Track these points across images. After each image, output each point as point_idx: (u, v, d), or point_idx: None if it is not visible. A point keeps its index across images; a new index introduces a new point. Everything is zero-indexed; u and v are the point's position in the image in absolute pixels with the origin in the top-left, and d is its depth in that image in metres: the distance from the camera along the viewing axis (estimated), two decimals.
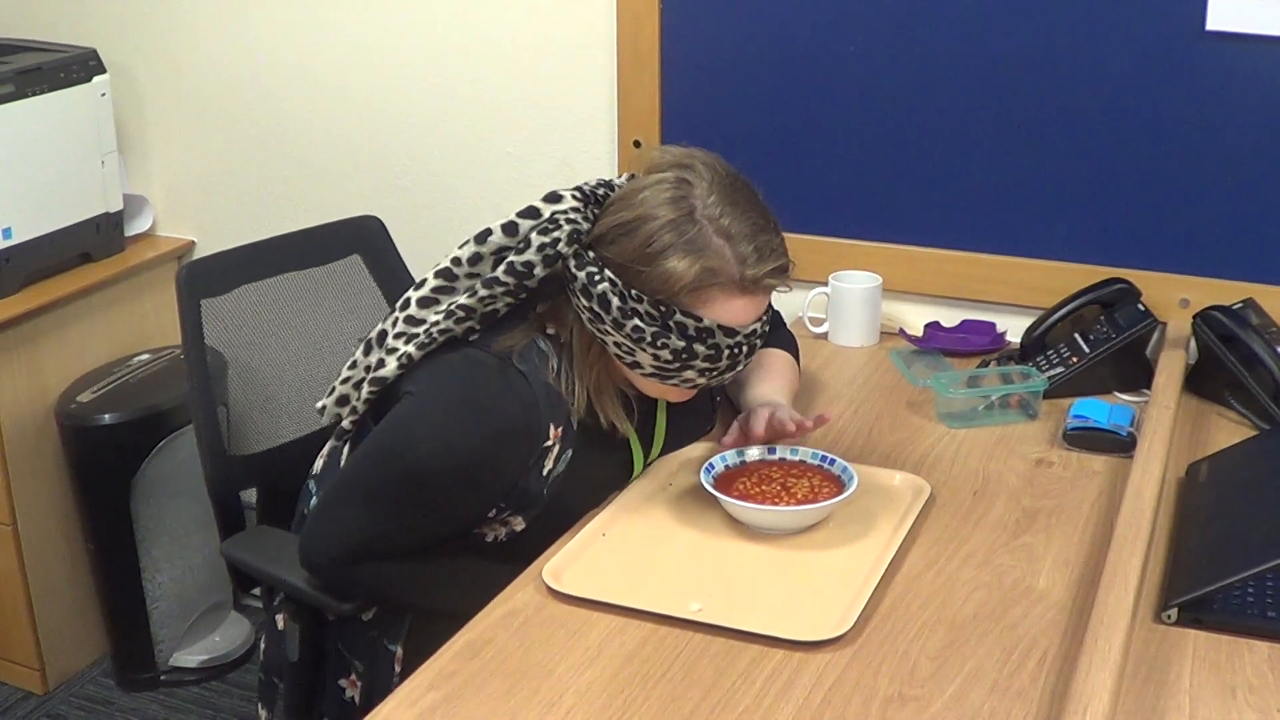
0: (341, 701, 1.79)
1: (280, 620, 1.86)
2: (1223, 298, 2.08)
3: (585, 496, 1.72)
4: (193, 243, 2.97)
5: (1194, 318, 2.06)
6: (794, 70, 2.32)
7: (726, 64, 2.36)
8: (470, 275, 1.66)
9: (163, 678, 2.82)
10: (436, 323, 1.64)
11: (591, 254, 1.61)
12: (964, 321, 2.32)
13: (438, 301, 1.67)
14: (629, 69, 2.42)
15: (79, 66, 2.70)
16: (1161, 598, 1.49)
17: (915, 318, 2.36)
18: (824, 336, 2.31)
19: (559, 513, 1.68)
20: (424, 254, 1.96)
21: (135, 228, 2.92)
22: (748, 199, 1.61)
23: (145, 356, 2.81)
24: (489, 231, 1.64)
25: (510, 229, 1.63)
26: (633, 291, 1.57)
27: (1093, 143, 2.17)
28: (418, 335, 1.65)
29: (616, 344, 1.61)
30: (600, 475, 1.74)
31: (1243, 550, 1.50)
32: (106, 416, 2.62)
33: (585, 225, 1.62)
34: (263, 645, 1.93)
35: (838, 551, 1.62)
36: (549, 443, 1.63)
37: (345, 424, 1.75)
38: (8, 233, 2.60)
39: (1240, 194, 2.11)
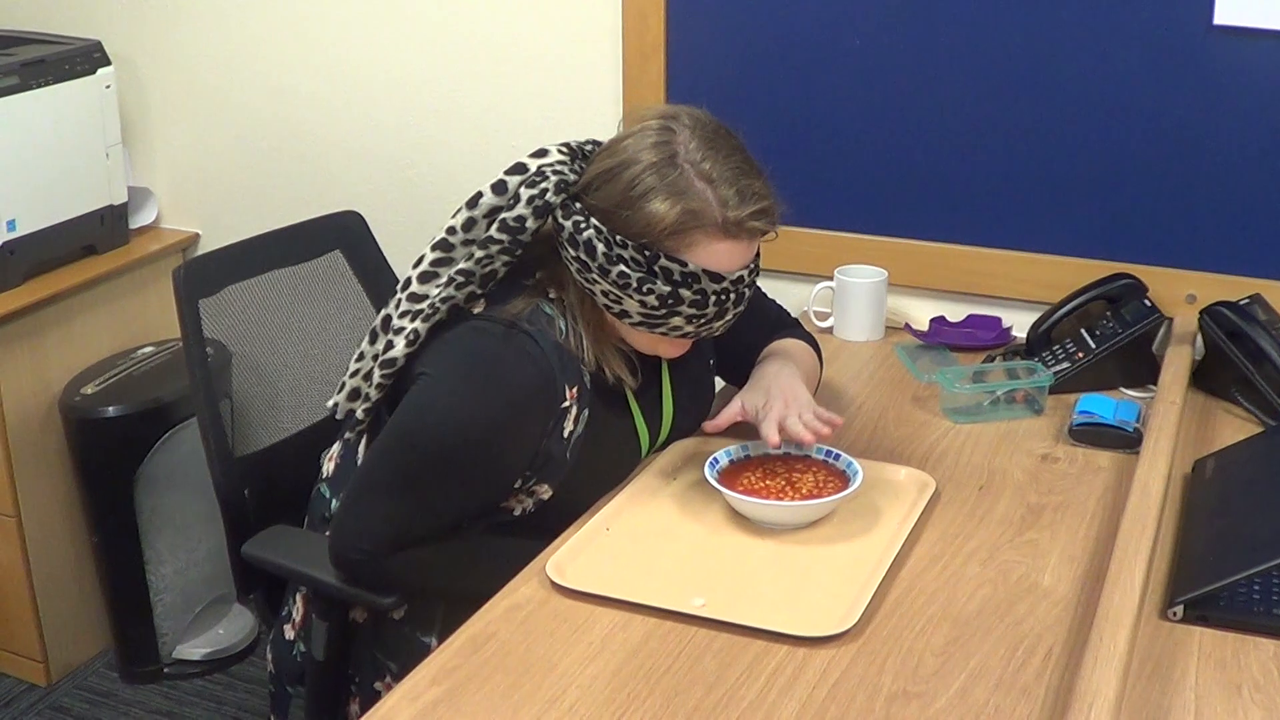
0: None
1: (289, 630, 1.85)
2: (1229, 293, 2.07)
3: (606, 457, 1.72)
4: (197, 235, 2.97)
5: (1200, 313, 2.05)
6: (800, 65, 2.31)
7: (732, 59, 2.36)
8: (466, 242, 1.66)
9: (166, 670, 2.82)
10: (439, 294, 1.64)
11: (578, 204, 1.62)
12: (970, 316, 2.31)
13: (438, 274, 1.67)
14: (634, 63, 2.42)
15: (84, 59, 2.70)
16: (1167, 595, 1.49)
17: (921, 312, 2.35)
18: (829, 331, 2.30)
19: (583, 477, 1.68)
20: None
21: (139, 220, 2.92)
22: (732, 146, 1.61)
23: (149, 349, 2.80)
24: (480, 194, 1.65)
25: (499, 187, 1.63)
26: (617, 237, 1.58)
27: (1099, 137, 2.16)
28: (422, 310, 1.64)
29: (604, 292, 1.61)
30: (619, 434, 1.74)
31: (1249, 547, 1.49)
32: (110, 409, 2.61)
33: (572, 176, 1.63)
34: (270, 656, 1.91)
35: (842, 547, 1.61)
36: (566, 403, 1.63)
37: (359, 414, 1.74)
38: (12, 225, 2.60)
39: (1247, 189, 2.10)
